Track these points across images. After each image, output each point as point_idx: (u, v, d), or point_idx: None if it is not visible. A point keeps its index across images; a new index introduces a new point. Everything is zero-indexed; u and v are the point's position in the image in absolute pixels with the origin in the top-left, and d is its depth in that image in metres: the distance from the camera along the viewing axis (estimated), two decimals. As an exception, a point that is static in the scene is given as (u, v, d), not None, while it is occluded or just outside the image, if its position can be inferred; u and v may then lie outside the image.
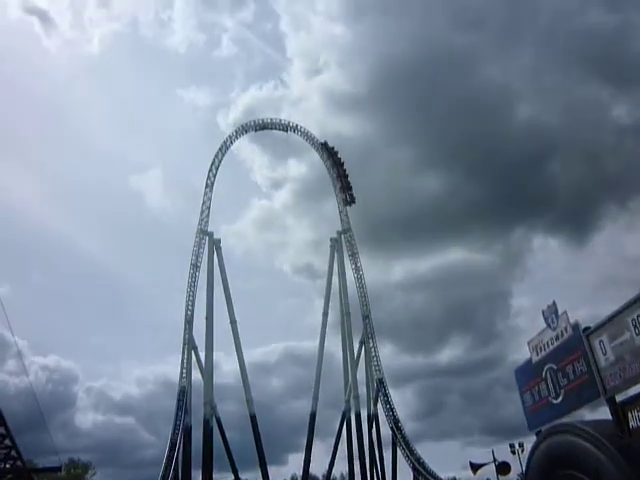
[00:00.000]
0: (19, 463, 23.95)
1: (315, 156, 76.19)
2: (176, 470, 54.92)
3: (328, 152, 70.35)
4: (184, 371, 61.01)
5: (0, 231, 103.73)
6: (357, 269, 66.75)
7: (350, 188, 69.48)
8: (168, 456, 55.07)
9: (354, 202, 69.30)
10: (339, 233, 68.94)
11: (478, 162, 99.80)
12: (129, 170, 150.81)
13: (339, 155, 70.10)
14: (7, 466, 23.39)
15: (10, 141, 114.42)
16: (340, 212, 69.51)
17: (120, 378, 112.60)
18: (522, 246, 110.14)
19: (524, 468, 32.26)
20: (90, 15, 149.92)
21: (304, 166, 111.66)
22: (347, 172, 69.72)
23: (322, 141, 71.33)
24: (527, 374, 13.15)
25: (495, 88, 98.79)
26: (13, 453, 23.50)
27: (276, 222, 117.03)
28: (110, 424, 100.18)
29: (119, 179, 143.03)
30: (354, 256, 67.33)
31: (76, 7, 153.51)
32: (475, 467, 33.71)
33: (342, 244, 68.37)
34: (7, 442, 22.92)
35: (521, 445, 32.58)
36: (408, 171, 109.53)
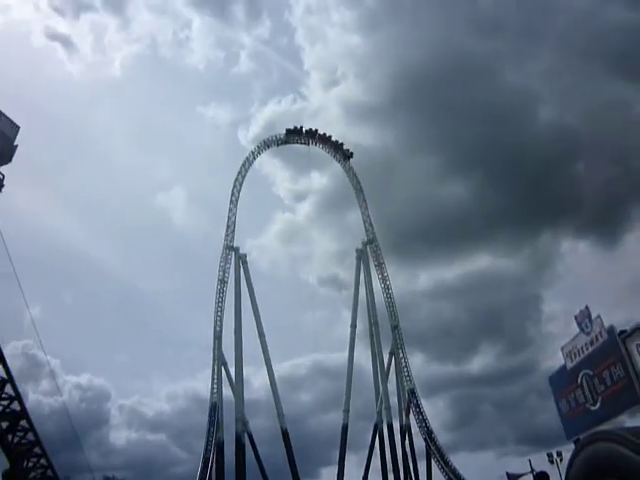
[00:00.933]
0: (55, 483, 24.18)
1: (337, 168, 76.38)
2: (210, 486, 54.95)
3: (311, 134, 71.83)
4: (215, 387, 61.19)
5: (30, 253, 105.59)
6: (384, 279, 66.37)
7: (342, 145, 71.49)
8: (201, 472, 55.09)
9: (352, 156, 71.41)
10: (364, 244, 68.75)
11: (502, 166, 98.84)
12: (154, 189, 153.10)
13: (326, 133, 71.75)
14: (43, 486, 23.65)
15: (36, 166, 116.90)
16: (364, 222, 69.41)
17: (151, 395, 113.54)
18: (551, 250, 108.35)
19: (563, 478, 31.53)
20: (110, 38, 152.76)
21: (326, 178, 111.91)
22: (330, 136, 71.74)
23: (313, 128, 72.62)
24: (562, 381, 12.81)
25: (516, 91, 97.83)
26: (49, 473, 23.72)
27: (300, 234, 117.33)
28: (143, 441, 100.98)
29: (144, 198, 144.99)
30: (380, 266, 66.99)
31: (96, 31, 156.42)
32: (513, 477, 32.98)
33: (368, 255, 68.13)
34: (43, 462, 23.16)
35: (559, 454, 31.75)
36: (431, 179, 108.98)
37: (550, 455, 32.54)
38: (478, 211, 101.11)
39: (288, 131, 71.85)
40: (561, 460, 31.14)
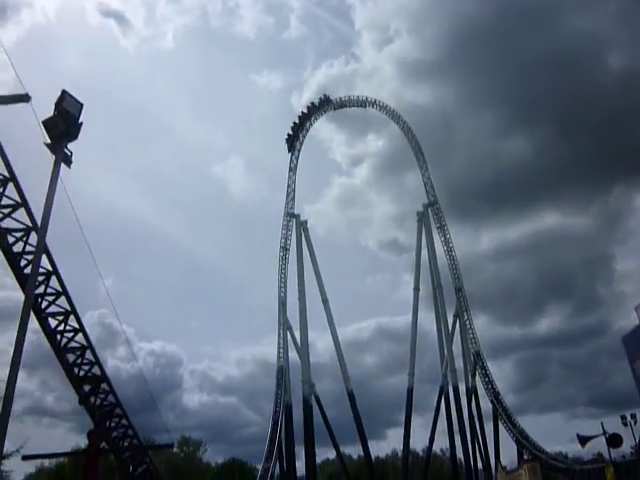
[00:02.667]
0: (135, 441, 25.63)
1: (394, 129, 74.95)
2: (280, 446, 56.88)
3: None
4: (281, 351, 62.75)
5: (99, 226, 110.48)
6: (446, 241, 65.36)
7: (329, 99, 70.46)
8: (271, 433, 57.13)
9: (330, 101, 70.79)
10: (425, 206, 67.70)
11: (568, 119, 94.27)
12: (212, 159, 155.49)
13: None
14: (125, 444, 25.10)
15: (100, 142, 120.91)
16: (425, 184, 68.22)
17: (220, 360, 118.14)
18: (623, 205, 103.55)
19: (638, 439, 30.63)
20: (162, 11, 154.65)
21: (383, 140, 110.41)
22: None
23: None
24: (637, 341, 12.32)
25: (582, 37, 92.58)
26: (130, 432, 25.12)
27: (358, 198, 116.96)
28: (215, 403, 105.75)
29: (203, 169, 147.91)
30: (442, 228, 65.93)
31: (148, 4, 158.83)
32: (584, 440, 32.30)
33: (429, 217, 67.15)
34: (123, 422, 24.50)
35: (633, 416, 30.74)
36: (492, 135, 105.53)
37: (624, 417, 31.52)
38: (543, 167, 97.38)
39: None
40: (635, 423, 30.17)
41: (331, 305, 63.95)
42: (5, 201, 16.13)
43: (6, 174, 15.74)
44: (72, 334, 20.51)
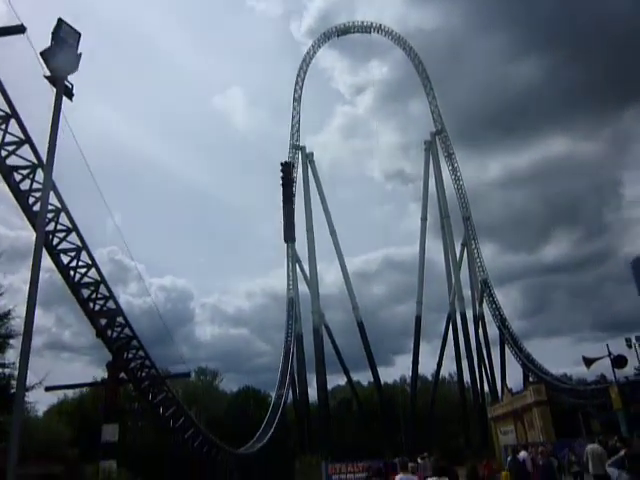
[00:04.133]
0: (153, 371, 26.49)
1: (398, 55, 72.81)
2: (292, 374, 58.78)
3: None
4: (290, 283, 63.71)
5: (103, 162, 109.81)
6: (454, 170, 64.74)
7: None
8: (283, 362, 58.90)
9: None
10: (433, 134, 66.59)
11: (579, 40, 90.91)
12: (212, 90, 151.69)
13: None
14: (143, 374, 25.98)
15: (99, 72, 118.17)
16: (432, 112, 66.84)
17: (230, 293, 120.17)
18: (634, 130, 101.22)
19: (643, 361, 31.27)
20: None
21: (387, 67, 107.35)
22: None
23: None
24: (647, 265, 12.27)
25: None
26: (147, 363, 25.92)
27: (362, 128, 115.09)
28: (227, 335, 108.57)
29: (203, 100, 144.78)
30: (450, 157, 65.13)
31: None
32: (589, 361, 33.02)
33: (437, 146, 66.18)
34: (140, 353, 25.23)
35: (638, 339, 31.29)
36: (501, 60, 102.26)
37: (628, 340, 32.09)
38: (554, 92, 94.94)
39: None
40: (640, 345, 30.75)
41: (338, 237, 64.34)
42: (9, 138, 15.92)
43: (7, 110, 15.45)
44: (85, 269, 20.76)
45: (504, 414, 45.36)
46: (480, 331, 61.08)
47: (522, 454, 16.04)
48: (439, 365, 63.37)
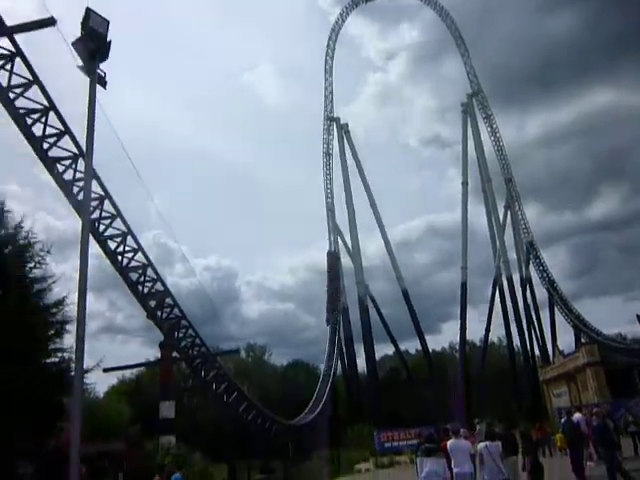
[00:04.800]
0: (203, 349, 27.25)
1: (429, 16, 70.70)
2: (340, 346, 59.35)
3: None
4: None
5: (140, 146, 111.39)
6: (493, 131, 63.06)
7: None
8: (331, 334, 59.46)
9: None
10: (469, 96, 64.83)
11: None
12: (241, 67, 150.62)
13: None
14: (194, 352, 26.77)
15: (130, 58, 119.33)
16: (468, 73, 64.95)
17: (274, 269, 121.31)
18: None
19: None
20: None
21: (417, 30, 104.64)
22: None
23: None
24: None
25: None
26: (197, 341, 26.67)
27: (395, 94, 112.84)
28: (273, 311, 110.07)
29: (233, 78, 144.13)
30: (488, 118, 63.41)
31: None
32: (643, 320, 32.16)
33: (474, 107, 64.49)
34: (190, 332, 25.96)
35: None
36: (535, 12, 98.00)
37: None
38: (595, 40, 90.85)
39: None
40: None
41: (378, 207, 63.85)
42: (49, 130, 16.33)
43: (46, 103, 15.83)
44: (132, 254, 21.37)
45: (556, 376, 44.74)
46: (528, 294, 60.10)
47: (577, 416, 15.80)
48: (487, 330, 62.89)
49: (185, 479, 12.81)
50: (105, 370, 24.55)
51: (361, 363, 60.82)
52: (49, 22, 11.80)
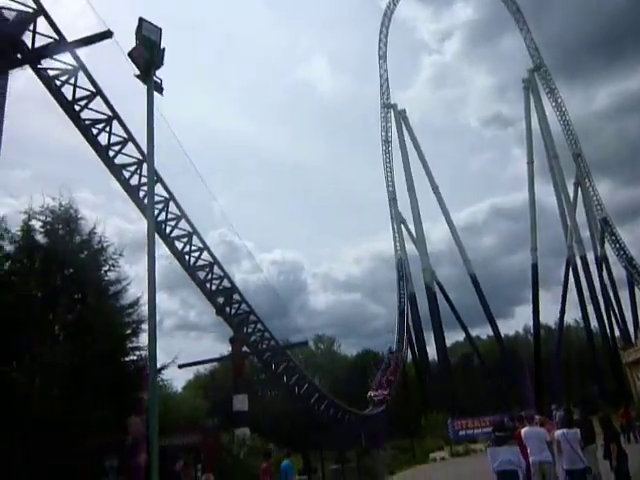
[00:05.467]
0: (273, 343, 27.76)
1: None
2: (409, 334, 58.94)
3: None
4: (397, 244, 63.45)
5: (200, 148, 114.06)
6: (558, 106, 60.48)
7: None
8: (399, 322, 59.16)
9: None
10: (531, 71, 62.38)
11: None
12: (294, 61, 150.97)
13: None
14: (264, 346, 27.33)
15: (183, 61, 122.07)
16: (528, 47, 62.46)
17: (339, 260, 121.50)
18: None
19: None
20: None
21: (471, 7, 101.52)
22: None
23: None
24: None
25: None
26: (266, 335, 27.19)
27: (451, 76, 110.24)
28: (340, 302, 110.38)
29: (286, 73, 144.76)
30: (552, 92, 60.85)
31: None
32: None
33: (536, 82, 62.02)
34: (259, 327, 26.51)
35: None
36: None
37: None
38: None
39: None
40: None
41: (441, 191, 62.69)
42: (114, 139, 17.01)
43: (109, 113, 16.47)
44: (198, 253, 22.01)
45: (640, 358, 42.66)
46: (604, 273, 57.48)
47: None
48: (562, 312, 60.58)
49: (293, 466, 13.48)
50: (180, 366, 25.41)
51: (431, 351, 60.21)
52: (106, 35, 12.28)
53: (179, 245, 21.32)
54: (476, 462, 21.91)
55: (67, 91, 15.23)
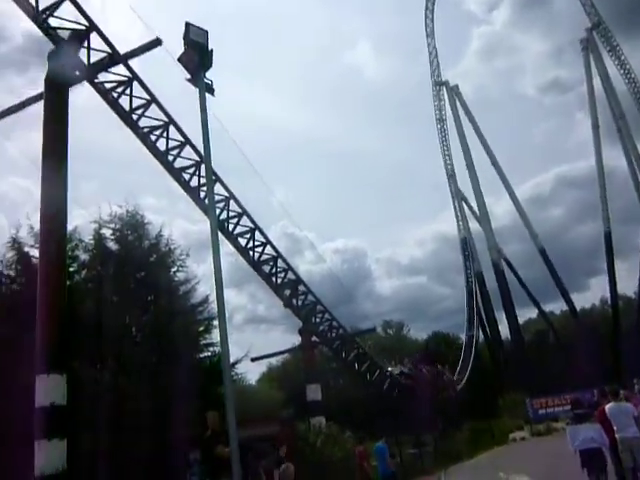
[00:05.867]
0: (341, 331, 27.90)
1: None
2: (479, 313, 57.84)
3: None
4: (460, 223, 62.26)
5: (254, 142, 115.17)
6: (621, 63, 57.32)
7: None
8: (468, 302, 58.18)
9: None
10: (589, 30, 59.35)
11: None
12: (339, 47, 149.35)
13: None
14: (332, 335, 27.51)
15: (231, 58, 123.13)
16: (584, 5, 59.37)
17: (401, 244, 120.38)
18: None
19: None
20: None
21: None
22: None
23: None
24: None
25: None
26: (334, 324, 27.36)
27: (503, 45, 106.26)
28: (406, 285, 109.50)
29: (333, 59, 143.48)
30: (614, 50, 57.69)
31: None
32: None
33: (595, 41, 58.98)
34: (326, 316, 26.70)
35: None
36: None
37: None
38: None
39: None
40: None
41: (501, 165, 60.88)
42: (171, 143, 17.48)
43: (165, 119, 16.93)
44: (262, 248, 22.35)
45: None
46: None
47: None
48: (641, 281, 57.74)
49: (388, 447, 13.92)
50: (253, 359, 26.08)
51: (503, 330, 58.80)
52: (156, 43, 12.62)
53: (242, 241, 21.69)
54: (559, 442, 21.35)
55: (123, 101, 15.74)
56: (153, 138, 17.00)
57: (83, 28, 13.40)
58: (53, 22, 13.24)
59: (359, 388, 36.94)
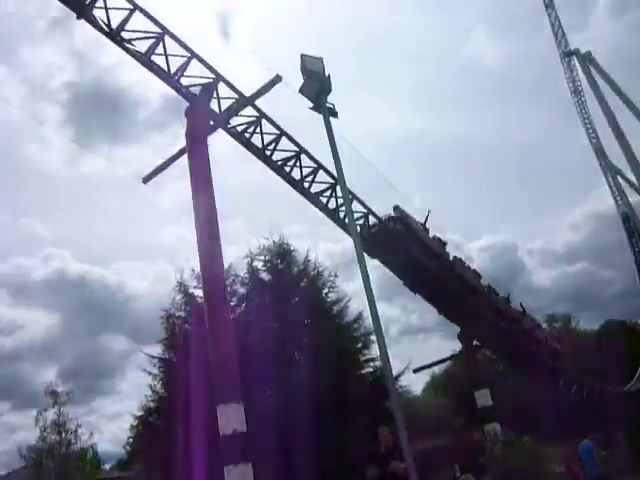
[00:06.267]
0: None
1: None
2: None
3: None
4: (617, 198, 56.89)
5: (390, 154, 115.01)
6: None
7: None
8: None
9: None
10: None
11: None
12: (454, 41, 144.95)
13: None
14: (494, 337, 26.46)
15: (344, 76, 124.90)
16: None
17: (553, 231, 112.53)
18: None
19: None
20: None
21: None
22: None
23: None
24: None
25: None
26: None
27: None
28: (565, 274, 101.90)
29: (450, 54, 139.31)
30: None
31: None
32: None
33: None
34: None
35: None
36: None
37: None
38: None
39: None
40: None
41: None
42: (305, 171, 18.16)
43: (296, 149, 17.66)
44: (407, 258, 22.26)
45: None
46: None
47: None
48: None
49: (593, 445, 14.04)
50: (415, 370, 25.84)
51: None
52: (277, 80, 13.26)
53: (386, 254, 21.81)
54: None
55: (255, 139, 16.65)
56: (287, 169, 17.78)
57: (211, 80, 14.47)
58: (184, 81, 14.46)
59: (533, 389, 34.96)
